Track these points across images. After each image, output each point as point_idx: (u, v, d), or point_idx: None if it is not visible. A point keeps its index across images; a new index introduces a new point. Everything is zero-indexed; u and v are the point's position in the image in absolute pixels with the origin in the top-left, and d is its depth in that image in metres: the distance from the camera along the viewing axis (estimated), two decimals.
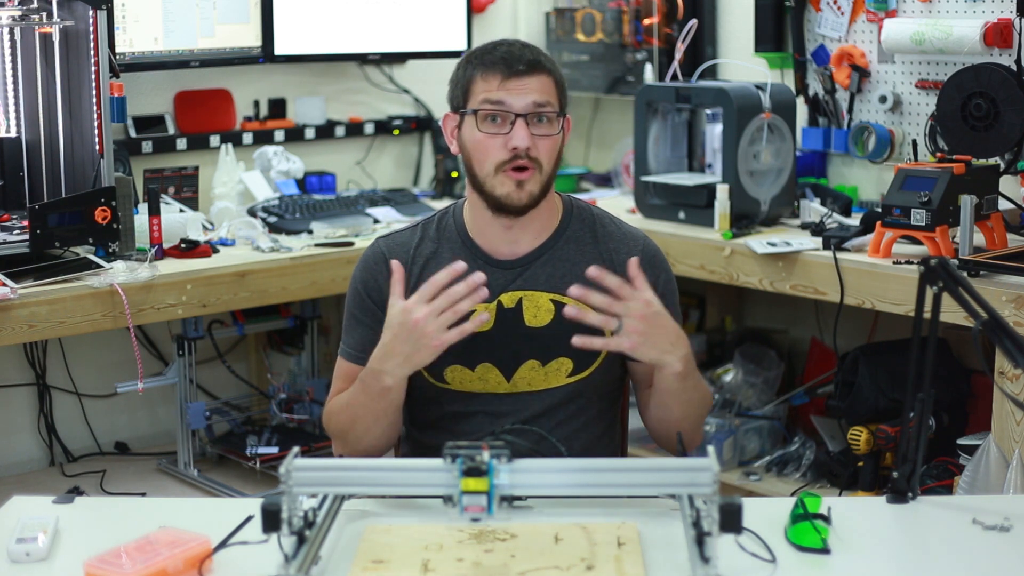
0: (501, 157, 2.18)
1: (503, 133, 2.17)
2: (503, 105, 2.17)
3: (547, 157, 2.20)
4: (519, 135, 2.16)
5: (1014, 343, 1.82)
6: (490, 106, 2.18)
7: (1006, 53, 3.37)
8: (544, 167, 2.20)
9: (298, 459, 1.73)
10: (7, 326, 3.00)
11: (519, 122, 2.17)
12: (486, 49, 2.23)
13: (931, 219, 3.03)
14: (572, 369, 2.25)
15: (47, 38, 3.31)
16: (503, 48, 2.21)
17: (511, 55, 2.19)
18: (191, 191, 3.90)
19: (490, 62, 2.19)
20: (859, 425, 3.36)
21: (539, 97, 2.18)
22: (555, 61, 2.27)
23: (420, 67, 4.50)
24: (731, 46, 4.22)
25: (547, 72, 2.21)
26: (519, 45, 2.23)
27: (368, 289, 2.29)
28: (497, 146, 2.18)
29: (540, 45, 4.57)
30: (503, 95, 2.17)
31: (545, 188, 2.22)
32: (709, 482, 1.66)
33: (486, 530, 1.85)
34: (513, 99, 2.17)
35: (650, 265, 2.29)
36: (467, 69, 2.23)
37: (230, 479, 3.80)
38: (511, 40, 2.26)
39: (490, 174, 2.19)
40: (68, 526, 1.90)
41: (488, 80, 2.18)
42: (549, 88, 2.20)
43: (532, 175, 2.19)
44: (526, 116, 2.17)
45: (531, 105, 2.17)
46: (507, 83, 2.17)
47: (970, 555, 1.82)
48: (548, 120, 2.19)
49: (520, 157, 2.17)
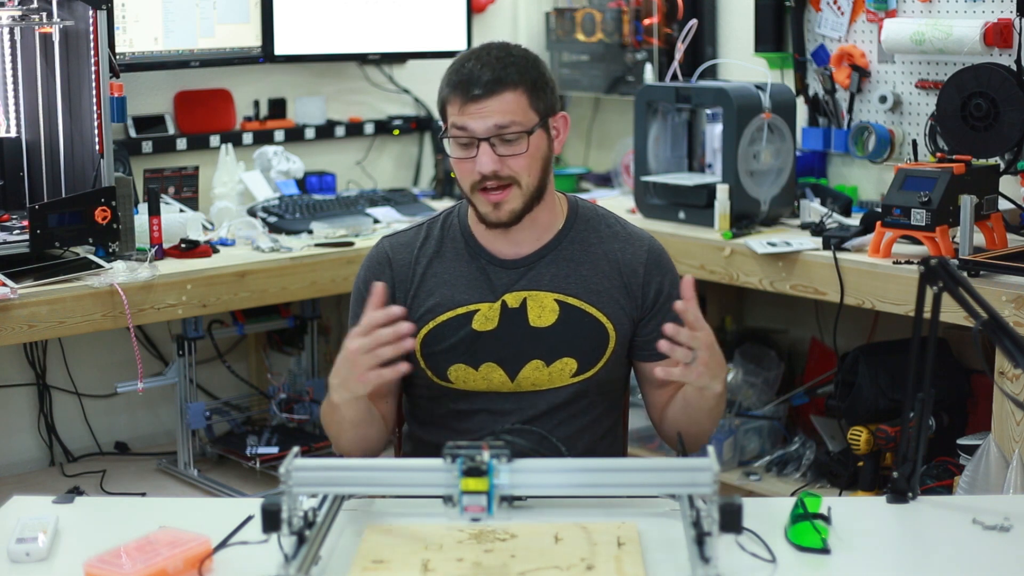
0: (473, 179, 2.17)
1: (471, 157, 2.16)
2: (466, 130, 2.14)
3: (524, 171, 2.17)
4: (482, 161, 2.14)
5: (1014, 343, 1.82)
6: (456, 130, 2.16)
7: (1006, 53, 3.37)
8: (524, 181, 2.17)
9: (298, 459, 1.73)
10: (7, 326, 3.00)
11: (483, 146, 2.14)
12: (457, 64, 2.17)
13: (931, 219, 3.03)
14: (576, 369, 2.25)
15: (47, 38, 3.31)
16: (469, 66, 2.14)
17: (470, 77, 2.13)
18: (191, 191, 3.90)
19: (454, 84, 2.15)
20: (859, 425, 3.36)
21: (501, 119, 2.13)
22: (535, 62, 2.19)
23: (420, 67, 4.50)
24: (731, 46, 4.22)
25: (511, 87, 2.14)
26: (485, 58, 2.15)
27: (371, 287, 2.29)
28: (468, 169, 2.17)
29: (540, 45, 4.60)
30: (465, 120, 2.14)
31: (531, 199, 2.20)
32: (709, 482, 1.66)
33: (486, 530, 1.85)
34: (474, 123, 2.13)
35: (656, 266, 2.29)
36: (442, 82, 2.19)
37: (230, 479, 3.80)
38: (488, 49, 2.18)
39: (468, 192, 2.20)
40: (68, 526, 1.90)
41: (453, 103, 2.16)
42: (515, 105, 2.14)
43: (509, 194, 2.17)
44: (489, 139, 2.14)
45: (492, 128, 2.13)
46: (467, 108, 2.13)
47: (970, 555, 1.82)
48: (516, 138, 2.15)
49: (488, 179, 2.15)
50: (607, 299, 2.26)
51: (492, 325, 2.24)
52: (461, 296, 2.25)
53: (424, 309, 2.26)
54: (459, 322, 2.24)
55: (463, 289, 2.25)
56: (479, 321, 2.24)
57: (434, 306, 2.25)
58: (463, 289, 2.25)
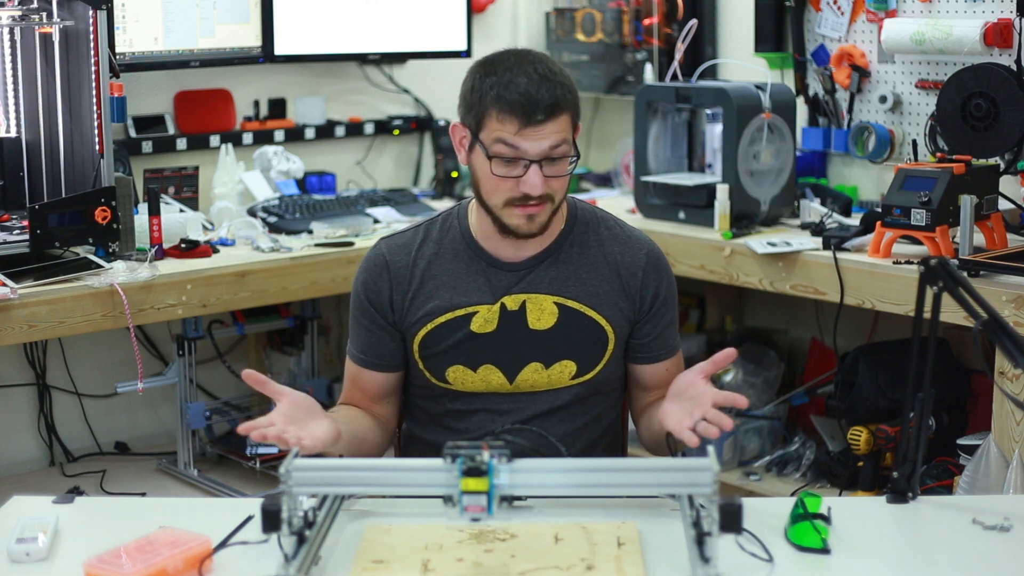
0: (512, 196, 2.14)
1: (515, 176, 2.12)
2: (518, 151, 2.10)
3: (560, 191, 2.17)
4: (532, 182, 2.11)
5: (1014, 343, 1.82)
6: (504, 148, 2.11)
7: (1006, 53, 3.37)
8: (557, 198, 2.17)
9: (298, 459, 1.73)
10: (7, 326, 3.00)
11: (533, 168, 2.11)
12: (505, 78, 2.10)
13: (931, 219, 3.02)
14: (576, 372, 2.25)
15: (47, 38, 3.31)
16: (522, 83, 2.08)
17: (531, 99, 2.07)
18: (191, 191, 3.90)
19: (509, 104, 2.08)
20: (859, 425, 3.36)
21: (555, 140, 2.11)
22: (570, 76, 2.17)
23: (420, 67, 4.50)
24: (731, 46, 4.22)
25: (565, 111, 2.12)
26: (537, 76, 2.09)
27: (368, 292, 2.29)
28: (508, 187, 2.13)
29: (540, 45, 4.61)
30: (519, 141, 2.09)
31: (556, 211, 2.20)
32: (709, 482, 1.66)
33: (486, 530, 1.85)
34: (529, 145, 2.10)
35: (654, 269, 2.30)
36: (484, 94, 2.11)
37: (230, 479, 3.80)
38: (528, 62, 2.12)
39: (498, 205, 2.16)
40: (68, 526, 1.90)
41: (504, 123, 2.09)
42: (565, 126, 2.12)
43: (544, 209, 2.16)
44: (540, 161, 2.12)
45: (546, 151, 2.11)
46: (525, 131, 2.09)
47: (970, 555, 1.82)
48: (562, 159, 2.14)
49: (531, 198, 2.13)
50: (606, 302, 2.26)
51: (491, 327, 2.24)
52: (459, 298, 2.25)
53: (422, 311, 2.25)
54: (457, 324, 2.24)
55: (462, 291, 2.25)
56: (477, 323, 2.24)
57: (432, 308, 2.25)
58: (462, 291, 2.25)
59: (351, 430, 2.19)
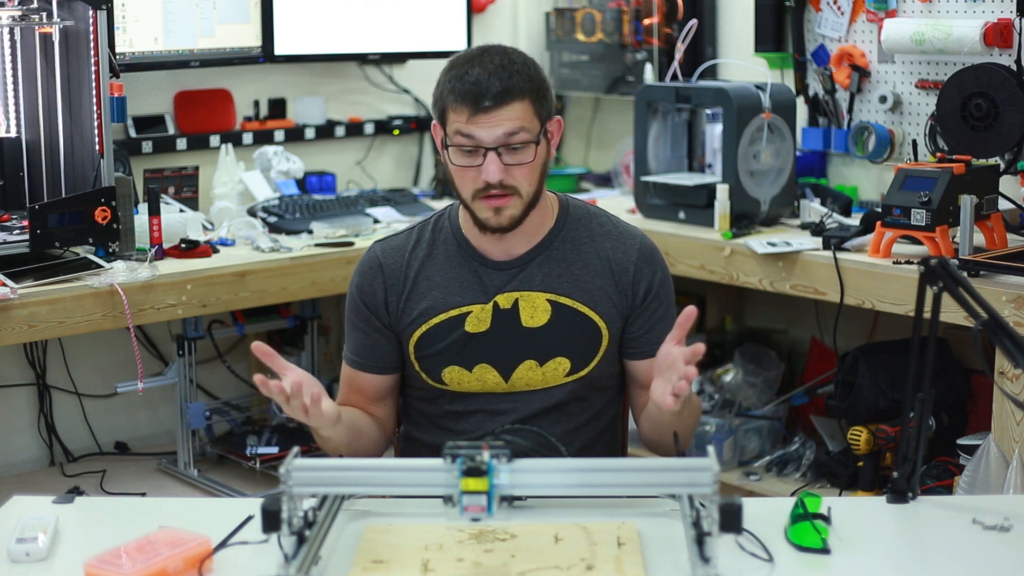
0: (476, 187, 2.16)
1: (475, 165, 2.14)
2: (473, 139, 2.13)
3: (525, 181, 2.16)
4: (490, 170, 2.13)
5: (1014, 343, 1.82)
6: (461, 138, 2.14)
7: (1006, 53, 3.37)
8: (524, 190, 2.17)
9: (298, 459, 1.73)
10: (7, 326, 3.00)
11: (490, 155, 2.13)
12: (460, 71, 2.14)
13: (931, 219, 3.03)
14: (570, 368, 2.26)
15: (47, 38, 3.31)
16: (475, 73, 2.12)
17: (479, 87, 2.11)
18: (191, 191, 3.90)
19: (460, 92, 2.12)
20: (859, 425, 3.36)
21: (510, 127, 2.12)
22: (536, 67, 2.19)
23: (420, 67, 4.50)
24: (731, 46, 4.22)
25: (519, 97, 2.13)
26: (492, 66, 2.12)
27: (363, 295, 2.30)
28: (472, 177, 2.16)
29: (540, 45, 4.61)
30: (472, 129, 2.12)
31: (529, 205, 2.20)
32: (709, 482, 1.66)
33: (486, 530, 1.85)
34: (483, 132, 2.12)
35: (647, 263, 2.30)
36: (443, 88, 2.16)
37: (230, 479, 3.80)
38: (488, 54, 2.16)
39: (468, 198, 2.19)
40: (68, 526, 1.90)
41: (458, 112, 2.13)
42: (522, 113, 2.13)
43: (510, 201, 2.16)
44: (497, 148, 2.13)
45: (501, 138, 2.12)
46: (476, 118, 2.12)
47: (970, 555, 1.82)
48: (522, 147, 2.14)
49: (493, 187, 2.15)
50: (599, 298, 2.26)
51: (484, 327, 2.24)
52: (453, 298, 2.25)
53: (417, 312, 2.26)
54: (451, 324, 2.24)
55: (455, 291, 2.25)
56: (471, 323, 2.24)
57: (426, 309, 2.26)
58: (455, 291, 2.25)
59: (349, 417, 2.23)
